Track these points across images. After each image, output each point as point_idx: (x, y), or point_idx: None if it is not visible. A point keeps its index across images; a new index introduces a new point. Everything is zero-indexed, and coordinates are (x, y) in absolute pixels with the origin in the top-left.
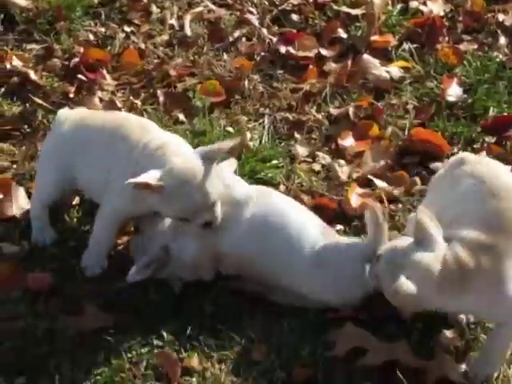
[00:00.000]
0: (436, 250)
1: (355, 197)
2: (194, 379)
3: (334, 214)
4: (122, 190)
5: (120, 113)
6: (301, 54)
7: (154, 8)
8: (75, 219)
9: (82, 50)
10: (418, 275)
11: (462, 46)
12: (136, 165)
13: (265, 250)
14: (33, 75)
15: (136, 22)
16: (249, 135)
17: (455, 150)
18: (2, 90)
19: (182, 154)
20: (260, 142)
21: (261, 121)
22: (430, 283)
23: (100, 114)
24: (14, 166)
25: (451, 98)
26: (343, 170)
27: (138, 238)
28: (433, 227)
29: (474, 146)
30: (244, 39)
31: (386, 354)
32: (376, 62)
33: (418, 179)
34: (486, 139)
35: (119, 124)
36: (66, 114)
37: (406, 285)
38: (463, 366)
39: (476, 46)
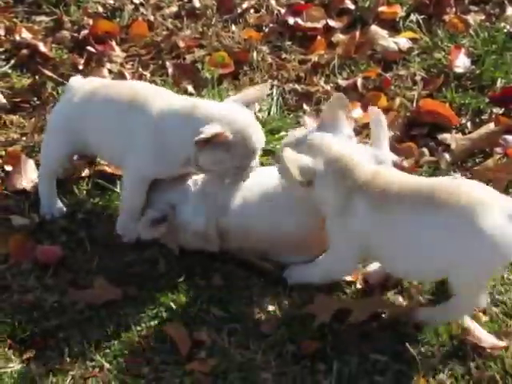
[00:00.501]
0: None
1: None
2: (204, 352)
3: None
4: (145, 153)
5: (132, 81)
6: (309, 25)
7: None
8: (84, 191)
9: (91, 21)
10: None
11: (470, 17)
12: (165, 128)
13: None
14: (42, 47)
15: None
16: (257, 107)
17: (463, 121)
18: (12, 62)
19: (223, 107)
20: (268, 113)
21: (269, 92)
22: None
23: (113, 82)
24: (24, 138)
25: (459, 69)
26: None
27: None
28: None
29: (482, 117)
30: (252, 10)
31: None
32: (384, 33)
33: (426, 150)
34: (494, 110)
35: (136, 90)
36: (77, 81)
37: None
38: None
39: (483, 17)
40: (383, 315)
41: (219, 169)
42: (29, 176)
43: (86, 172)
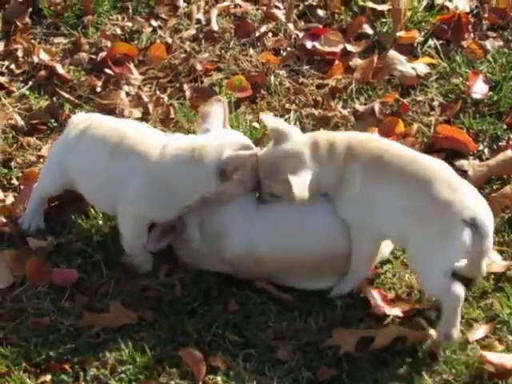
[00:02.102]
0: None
1: None
2: (219, 378)
3: None
4: (143, 198)
5: (124, 121)
6: (327, 49)
7: (180, 2)
8: (101, 214)
9: (109, 44)
10: (295, 166)
11: (488, 43)
12: (167, 170)
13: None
14: (60, 69)
15: (163, 16)
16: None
17: (480, 147)
18: (30, 83)
19: (215, 137)
20: None
21: (287, 116)
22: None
23: (104, 124)
24: (41, 160)
25: (476, 95)
26: None
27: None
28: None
29: (500, 144)
30: (270, 34)
31: None
32: (402, 58)
33: None
34: None
35: (122, 136)
36: (77, 118)
37: (296, 182)
38: None
39: (501, 43)
40: (399, 342)
41: (247, 187)
42: None
43: None
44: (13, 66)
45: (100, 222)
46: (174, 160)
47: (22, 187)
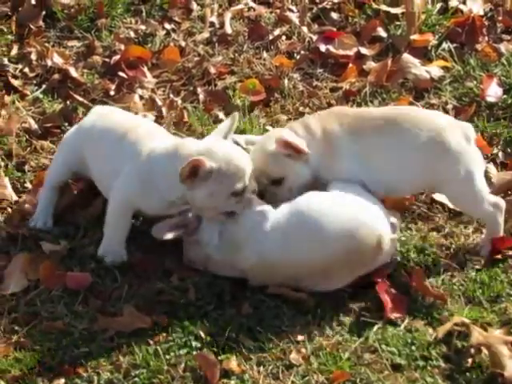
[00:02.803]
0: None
1: None
2: (233, 382)
3: None
4: (133, 180)
5: (135, 117)
6: (341, 52)
7: (194, 5)
8: None
9: (122, 47)
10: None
11: (502, 46)
12: (151, 170)
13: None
14: (73, 72)
15: (176, 19)
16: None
17: (495, 150)
18: (43, 86)
19: (202, 143)
20: None
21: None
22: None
23: (117, 115)
24: None
25: (491, 99)
26: None
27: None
28: None
29: None
30: (284, 37)
31: None
32: (416, 61)
33: None
34: None
35: (128, 128)
36: (99, 109)
37: None
38: None
39: None
40: (412, 347)
41: (216, 202)
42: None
43: None
44: (26, 70)
45: None
46: (158, 154)
47: (34, 189)
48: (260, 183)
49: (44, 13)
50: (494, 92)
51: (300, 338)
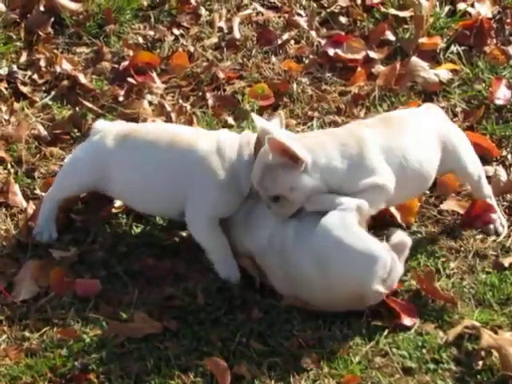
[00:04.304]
0: None
1: None
2: None
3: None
4: (220, 189)
5: (163, 124)
6: (349, 56)
7: (202, 11)
8: (124, 225)
9: (131, 53)
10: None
11: (510, 48)
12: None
13: None
14: (82, 78)
15: (185, 24)
16: None
17: (504, 153)
18: (52, 93)
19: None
20: None
21: (309, 124)
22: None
23: (145, 128)
24: None
25: (500, 101)
26: None
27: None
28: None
29: None
30: (293, 42)
31: None
32: (424, 64)
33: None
34: None
35: (173, 136)
36: (104, 125)
37: None
38: None
39: None
40: (423, 350)
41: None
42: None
43: (119, 203)
44: (35, 76)
45: (124, 232)
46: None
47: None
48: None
49: (53, 19)
50: (502, 94)
51: (311, 342)
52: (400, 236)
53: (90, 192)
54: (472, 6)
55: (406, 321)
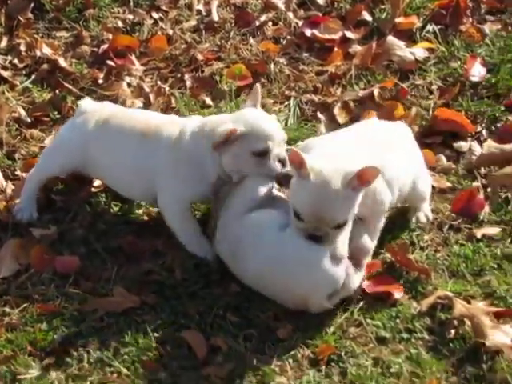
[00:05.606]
0: None
1: None
2: (220, 358)
3: None
4: (182, 179)
5: (141, 111)
6: (326, 36)
7: None
8: (103, 204)
9: (110, 36)
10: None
11: (486, 27)
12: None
13: None
14: (62, 62)
15: (164, 8)
16: (275, 117)
17: (479, 128)
18: (33, 77)
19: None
20: (286, 123)
21: (287, 103)
22: None
23: (125, 114)
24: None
25: (475, 78)
26: None
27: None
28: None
29: (498, 125)
30: (270, 24)
31: None
32: (401, 43)
33: (443, 157)
34: (510, 118)
35: (145, 124)
36: (89, 105)
37: None
38: None
39: (499, 27)
40: (397, 320)
41: (239, 164)
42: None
43: (99, 182)
44: (16, 61)
45: (103, 210)
46: (195, 136)
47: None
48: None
49: (32, 5)
50: (477, 72)
51: (287, 315)
52: (364, 240)
53: (71, 174)
54: None
55: (397, 294)
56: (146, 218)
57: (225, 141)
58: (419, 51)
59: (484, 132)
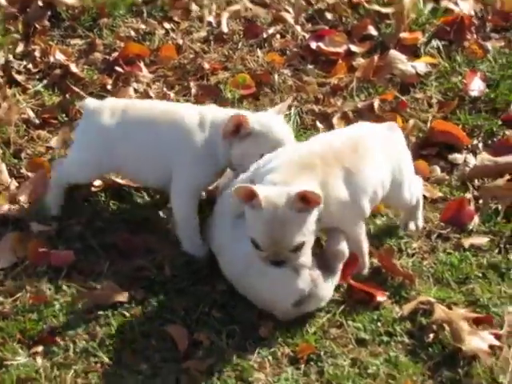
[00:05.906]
0: None
1: None
2: (201, 352)
3: None
4: (199, 166)
5: (155, 101)
6: (331, 49)
7: (193, 6)
8: (102, 202)
9: (122, 45)
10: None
11: (489, 44)
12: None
13: None
14: (74, 68)
15: (176, 19)
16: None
17: (475, 141)
18: (45, 81)
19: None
20: None
21: (287, 112)
22: None
23: (140, 105)
24: (50, 151)
25: (474, 93)
26: None
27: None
28: None
29: (494, 139)
30: (278, 36)
31: None
32: (403, 57)
33: (437, 168)
34: (507, 132)
35: (163, 111)
36: (94, 103)
37: None
38: None
39: (503, 44)
40: (378, 323)
41: (249, 163)
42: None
43: (99, 182)
44: (30, 66)
45: (102, 208)
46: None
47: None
48: None
49: (50, 13)
50: (477, 86)
51: (270, 314)
52: (339, 246)
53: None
54: (455, 3)
55: (380, 298)
56: (142, 216)
57: (235, 129)
58: (421, 65)
59: (480, 145)
